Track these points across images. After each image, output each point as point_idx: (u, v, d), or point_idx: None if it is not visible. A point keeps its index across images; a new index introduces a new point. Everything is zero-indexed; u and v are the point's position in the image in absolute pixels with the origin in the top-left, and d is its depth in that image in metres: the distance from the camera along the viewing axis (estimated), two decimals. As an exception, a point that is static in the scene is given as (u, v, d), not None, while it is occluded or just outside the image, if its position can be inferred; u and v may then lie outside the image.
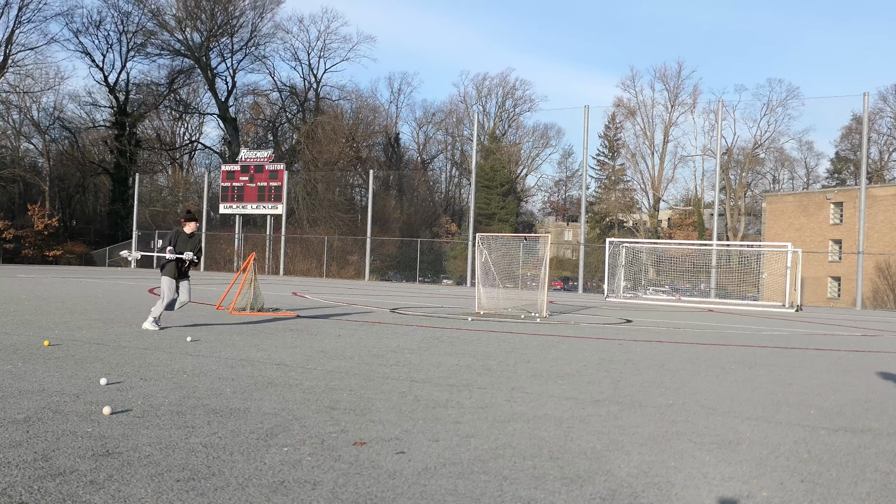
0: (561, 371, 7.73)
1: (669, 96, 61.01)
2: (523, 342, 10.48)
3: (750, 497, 3.71)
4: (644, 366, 8.41)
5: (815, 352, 10.90)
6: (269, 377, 6.61)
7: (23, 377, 6.13)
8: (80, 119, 57.37)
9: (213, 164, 61.38)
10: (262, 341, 9.28)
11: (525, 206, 70.40)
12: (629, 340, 11.39)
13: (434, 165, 72.30)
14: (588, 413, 5.60)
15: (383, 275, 44.71)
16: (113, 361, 7.16)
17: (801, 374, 8.23)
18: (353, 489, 3.56)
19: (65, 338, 8.82)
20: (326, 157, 53.32)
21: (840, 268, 42.29)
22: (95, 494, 3.33)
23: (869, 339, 13.59)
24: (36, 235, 45.67)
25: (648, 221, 61.65)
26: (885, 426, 5.56)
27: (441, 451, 4.31)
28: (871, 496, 3.81)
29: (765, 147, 61.05)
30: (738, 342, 11.89)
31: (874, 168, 55.96)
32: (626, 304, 24.15)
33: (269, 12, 58.09)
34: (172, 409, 5.14)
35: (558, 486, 3.75)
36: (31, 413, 4.85)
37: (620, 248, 28.62)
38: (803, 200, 47.73)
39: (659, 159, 61.15)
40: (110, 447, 4.10)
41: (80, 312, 12.39)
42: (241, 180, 41.93)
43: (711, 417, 5.63)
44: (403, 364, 7.76)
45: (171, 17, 56.00)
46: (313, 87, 61.66)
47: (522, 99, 69.02)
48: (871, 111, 42.51)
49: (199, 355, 7.81)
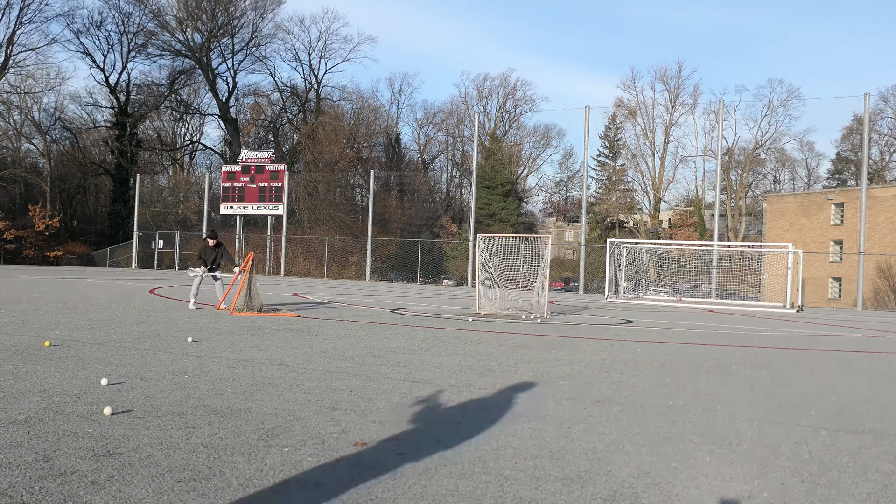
0: (562, 372, 7.73)
1: (670, 97, 61.08)
2: (524, 343, 10.48)
3: (751, 498, 3.71)
4: (645, 366, 8.41)
5: (816, 353, 10.89)
6: (270, 377, 6.61)
7: (24, 378, 6.14)
8: (80, 119, 57.42)
9: (214, 164, 61.38)
10: (263, 341, 9.28)
11: (526, 207, 70.48)
12: (630, 341, 11.38)
13: (435, 166, 72.37)
14: (589, 413, 5.60)
15: (384, 275, 44.71)
16: (114, 362, 7.17)
17: (801, 375, 8.23)
18: (354, 489, 3.56)
19: (66, 338, 8.82)
20: (327, 157, 53.35)
21: (841, 268, 42.26)
22: (96, 495, 3.33)
23: (870, 340, 13.58)
24: (37, 236, 45.69)
25: (649, 222, 61.65)
26: (887, 427, 5.56)
27: (442, 452, 4.31)
28: (872, 497, 3.81)
29: (766, 147, 61.09)
30: (739, 343, 11.89)
31: (875, 168, 55.93)
32: (626, 304, 24.14)
33: (269, 13, 58.15)
34: (173, 409, 5.15)
35: (559, 487, 3.75)
36: (32, 414, 4.86)
37: (621, 248, 28.61)
38: (804, 201, 47.71)
39: (659, 160, 61.19)
40: (111, 448, 4.10)
41: (81, 313, 12.39)
42: (242, 181, 41.94)
43: (712, 418, 5.63)
44: (404, 365, 7.76)
45: (171, 17, 56.06)
46: (314, 88, 61.70)
47: (523, 99, 69.13)
48: (871, 112, 42.49)
49: (199, 356, 7.82)
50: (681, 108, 60.80)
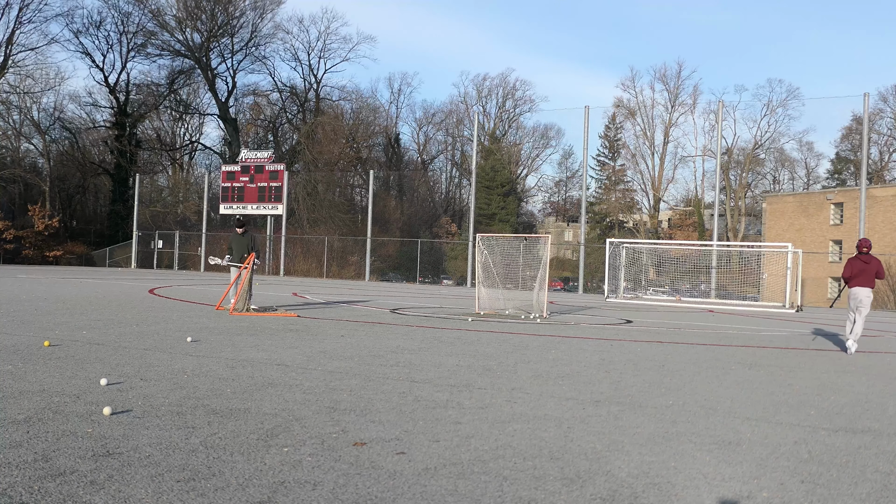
0: (561, 371, 7.73)
1: (669, 97, 61.15)
2: (523, 343, 10.48)
3: (750, 497, 3.71)
4: (644, 366, 8.41)
5: (815, 352, 10.90)
6: (270, 377, 6.61)
7: (23, 377, 6.13)
8: (80, 119, 57.39)
9: (214, 164, 61.38)
10: (263, 341, 9.28)
11: (525, 207, 70.48)
12: (629, 341, 11.39)
13: (434, 166, 72.39)
14: (588, 413, 5.60)
15: (383, 275, 44.71)
16: (113, 362, 7.17)
17: (801, 375, 8.23)
18: (354, 489, 3.56)
19: (65, 338, 8.82)
20: (327, 157, 53.33)
21: (840, 268, 42.25)
22: (96, 495, 3.33)
23: (869, 340, 13.58)
24: (36, 236, 45.67)
25: (649, 222, 61.68)
26: (885, 427, 5.56)
27: (441, 452, 4.31)
28: (872, 496, 3.81)
29: (765, 147, 61.14)
30: (738, 343, 11.89)
31: (874, 168, 55.96)
32: (626, 304, 24.14)
33: (269, 13, 58.16)
34: (173, 409, 5.14)
35: (558, 487, 3.75)
36: (31, 413, 4.86)
37: (621, 248, 28.61)
38: (803, 201, 47.74)
39: (659, 160, 61.23)
40: (111, 447, 4.10)
41: (81, 313, 12.39)
42: (242, 181, 41.93)
43: (712, 418, 5.63)
44: (404, 364, 7.76)
45: (171, 17, 56.04)
46: (313, 88, 61.70)
47: (522, 99, 69.17)
48: (871, 112, 42.51)
49: (199, 356, 7.81)
50: (680, 107, 60.94)
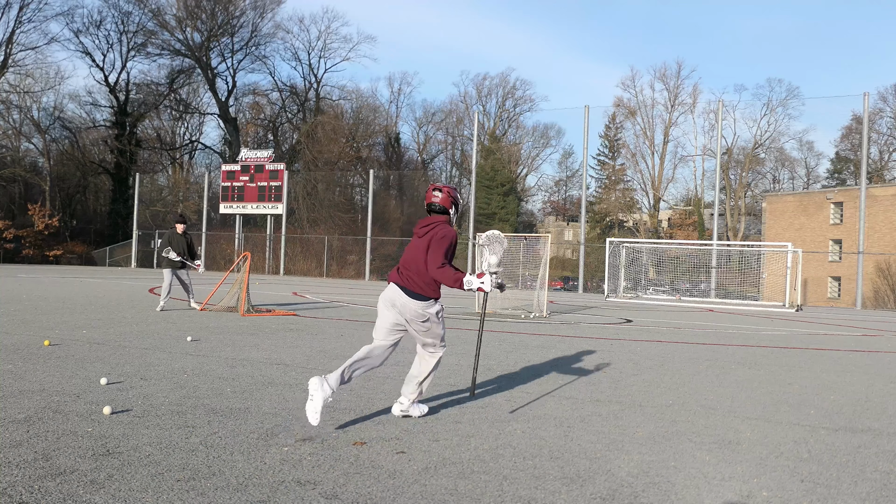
0: (561, 371, 7.74)
1: (669, 96, 61.09)
2: (523, 342, 10.48)
3: (750, 497, 3.71)
4: (644, 366, 8.42)
5: (815, 352, 10.90)
6: (270, 377, 6.61)
7: (23, 377, 6.14)
8: (80, 119, 57.35)
9: (214, 163, 61.33)
10: (262, 341, 9.28)
11: (525, 206, 70.48)
12: (629, 340, 11.39)
13: (434, 165, 72.28)
14: (588, 413, 5.60)
15: (383, 275, 44.73)
16: (113, 361, 7.17)
17: (801, 374, 8.24)
18: (354, 489, 3.56)
19: (65, 337, 8.82)
20: (327, 156, 53.30)
21: (840, 268, 42.28)
22: (96, 494, 3.33)
23: (869, 339, 13.58)
24: (36, 235, 45.67)
25: (649, 221, 61.68)
26: (885, 426, 5.56)
27: (441, 451, 4.31)
28: (871, 496, 3.81)
29: (765, 147, 61.10)
30: (738, 342, 11.89)
31: (874, 168, 55.95)
32: (626, 303, 24.14)
33: (269, 12, 58.09)
34: (173, 408, 5.15)
35: (558, 486, 3.75)
36: (31, 413, 4.86)
37: (621, 247, 28.62)
38: (803, 200, 47.73)
39: (659, 159, 61.21)
40: (111, 447, 4.10)
41: (81, 312, 12.39)
42: (242, 180, 41.94)
43: (711, 417, 5.63)
44: (404, 364, 7.76)
45: (171, 16, 56.00)
46: (313, 87, 61.66)
47: (522, 99, 69.11)
48: (871, 111, 42.48)
49: (199, 355, 7.82)
50: (680, 107, 60.88)
